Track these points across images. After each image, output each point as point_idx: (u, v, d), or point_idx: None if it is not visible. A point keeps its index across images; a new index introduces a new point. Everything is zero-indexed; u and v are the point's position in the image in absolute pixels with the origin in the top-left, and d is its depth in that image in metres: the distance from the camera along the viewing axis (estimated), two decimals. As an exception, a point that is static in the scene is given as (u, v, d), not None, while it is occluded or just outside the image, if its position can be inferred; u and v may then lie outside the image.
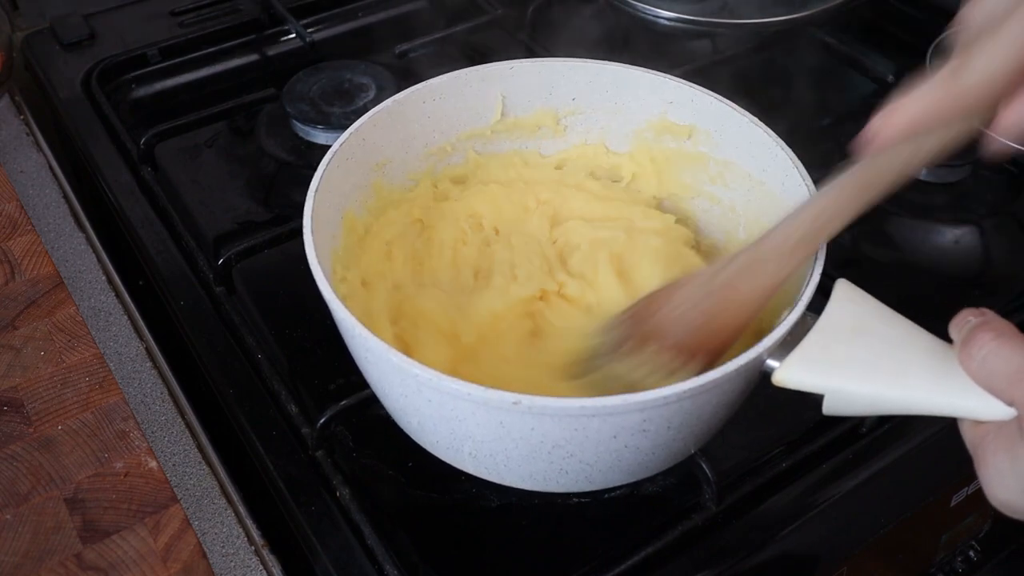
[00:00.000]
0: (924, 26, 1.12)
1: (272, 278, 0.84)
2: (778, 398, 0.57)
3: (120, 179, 0.93)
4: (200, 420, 0.75)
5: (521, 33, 1.09)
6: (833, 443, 0.71)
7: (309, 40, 1.07)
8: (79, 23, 1.11)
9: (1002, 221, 0.94)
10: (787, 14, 1.04)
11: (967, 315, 0.52)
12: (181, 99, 1.08)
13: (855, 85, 1.10)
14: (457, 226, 0.77)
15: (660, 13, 1.03)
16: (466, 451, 0.62)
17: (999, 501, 0.49)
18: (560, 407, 0.54)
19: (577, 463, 0.59)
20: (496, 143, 0.82)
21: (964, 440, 0.52)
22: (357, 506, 0.66)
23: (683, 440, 0.61)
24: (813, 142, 1.02)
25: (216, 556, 0.66)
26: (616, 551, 0.65)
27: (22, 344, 0.78)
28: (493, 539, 0.68)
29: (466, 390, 0.54)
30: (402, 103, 0.75)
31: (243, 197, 0.94)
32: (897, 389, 0.53)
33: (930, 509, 0.73)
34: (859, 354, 0.55)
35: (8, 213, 0.90)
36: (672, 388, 0.54)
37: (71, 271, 0.85)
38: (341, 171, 0.71)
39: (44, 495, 0.68)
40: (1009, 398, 0.48)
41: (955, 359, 0.51)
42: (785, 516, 0.67)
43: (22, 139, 1.00)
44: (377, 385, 0.64)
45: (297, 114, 0.98)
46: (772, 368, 0.56)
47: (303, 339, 0.80)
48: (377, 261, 0.74)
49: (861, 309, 0.57)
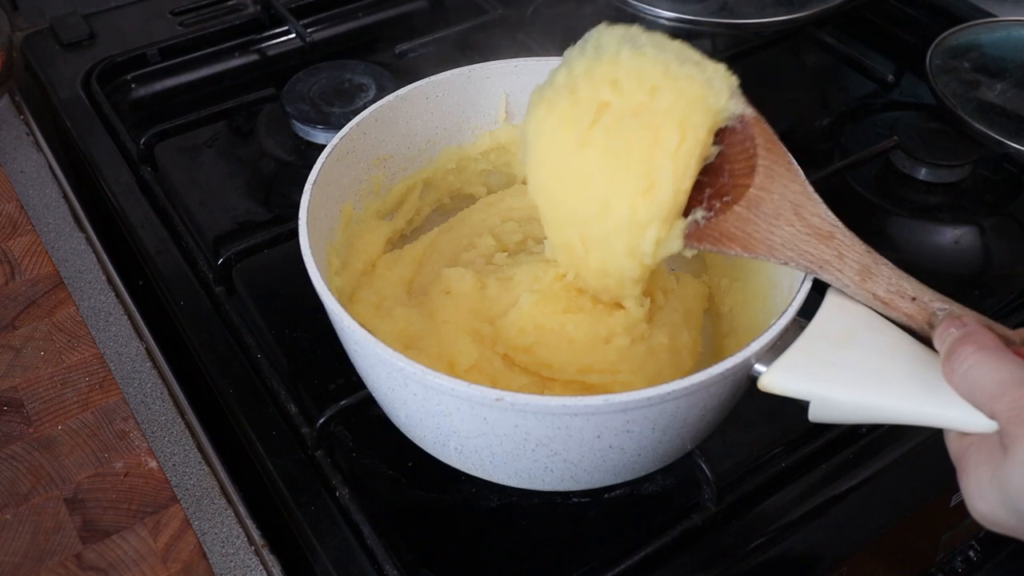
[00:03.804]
0: (924, 26, 1.13)
1: (272, 278, 0.84)
2: (778, 398, 0.57)
3: (120, 179, 0.93)
4: (200, 420, 0.75)
5: (521, 33, 1.09)
6: (833, 443, 0.71)
7: (309, 40, 1.07)
8: (79, 23, 1.11)
9: (1002, 221, 0.94)
10: (787, 14, 1.04)
11: (950, 326, 0.52)
12: (181, 99, 1.08)
13: (855, 85, 1.10)
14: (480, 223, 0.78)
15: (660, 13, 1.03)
16: (452, 446, 0.62)
17: (980, 513, 0.49)
18: (541, 405, 0.54)
19: (562, 462, 0.59)
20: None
21: (949, 451, 0.52)
22: (357, 506, 0.66)
23: (670, 442, 0.61)
24: (813, 142, 1.03)
25: (216, 556, 0.66)
26: (616, 551, 0.65)
27: (22, 344, 0.78)
28: (493, 539, 0.68)
29: (450, 385, 0.55)
30: (405, 99, 0.76)
31: (243, 197, 0.94)
32: (882, 398, 0.53)
33: (930, 509, 0.73)
34: (846, 362, 0.55)
35: (8, 213, 0.90)
36: (655, 390, 0.54)
37: (71, 271, 0.85)
38: (341, 165, 0.71)
39: (44, 495, 0.68)
40: (991, 411, 0.48)
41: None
42: (785, 516, 0.67)
43: (22, 139, 1.00)
44: (367, 378, 0.65)
45: (297, 114, 0.98)
46: (759, 373, 0.56)
47: (303, 339, 0.80)
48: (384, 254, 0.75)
49: (851, 317, 0.57)
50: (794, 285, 0.61)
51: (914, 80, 1.09)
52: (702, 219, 0.60)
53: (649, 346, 0.67)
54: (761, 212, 0.59)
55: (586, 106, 0.60)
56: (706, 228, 0.60)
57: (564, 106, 0.61)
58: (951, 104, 0.94)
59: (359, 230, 0.75)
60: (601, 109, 0.60)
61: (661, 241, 0.61)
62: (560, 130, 0.61)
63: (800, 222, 0.59)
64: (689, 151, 0.59)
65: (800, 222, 0.59)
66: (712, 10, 1.05)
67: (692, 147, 0.59)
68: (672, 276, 0.74)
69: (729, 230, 0.60)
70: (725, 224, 0.60)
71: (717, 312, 0.76)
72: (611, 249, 0.62)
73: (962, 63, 0.99)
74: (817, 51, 1.11)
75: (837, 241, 0.58)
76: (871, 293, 0.56)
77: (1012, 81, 0.97)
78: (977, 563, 0.87)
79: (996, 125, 0.92)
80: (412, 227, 0.82)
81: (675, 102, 0.59)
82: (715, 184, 0.61)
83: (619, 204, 0.60)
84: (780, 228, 0.59)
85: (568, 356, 0.66)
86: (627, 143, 0.59)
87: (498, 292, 0.70)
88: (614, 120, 0.59)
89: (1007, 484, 0.47)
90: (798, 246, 0.58)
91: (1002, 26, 1.04)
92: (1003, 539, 0.51)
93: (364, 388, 0.67)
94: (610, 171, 0.60)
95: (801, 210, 0.59)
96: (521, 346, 0.67)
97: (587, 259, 0.65)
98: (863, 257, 0.57)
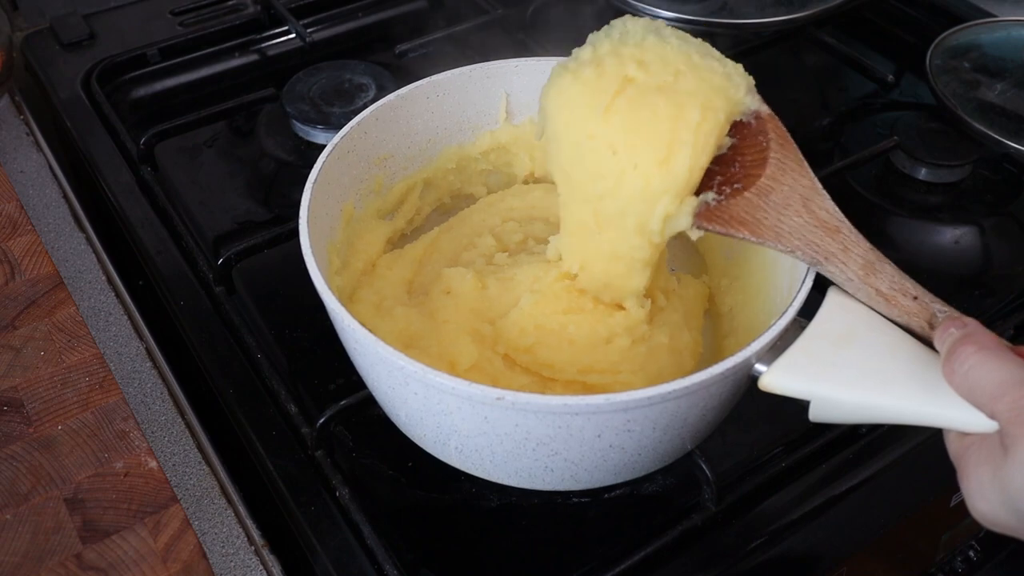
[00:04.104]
0: (924, 26, 1.13)
1: (272, 278, 0.84)
2: (778, 398, 0.57)
3: (120, 179, 0.93)
4: (200, 420, 0.75)
5: (521, 33, 1.09)
6: (833, 443, 0.71)
7: (309, 40, 1.07)
8: (79, 23, 1.11)
9: (1002, 221, 0.94)
10: (787, 14, 1.04)
11: (950, 326, 0.52)
12: (181, 99, 1.08)
13: (855, 85, 1.10)
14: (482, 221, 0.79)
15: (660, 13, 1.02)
16: (452, 445, 0.62)
17: (980, 513, 0.49)
18: (542, 404, 0.54)
19: (562, 461, 0.59)
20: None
21: (949, 452, 0.52)
22: (357, 506, 0.66)
23: (670, 442, 0.61)
24: (813, 142, 1.03)
25: (216, 556, 0.66)
26: (616, 551, 0.65)
27: (22, 344, 0.78)
28: (493, 539, 0.68)
29: (450, 384, 0.55)
30: (405, 98, 0.76)
31: (243, 197, 0.94)
32: (882, 398, 0.53)
33: (930, 509, 0.73)
34: (846, 362, 0.55)
35: (8, 213, 0.90)
36: (656, 389, 0.54)
37: (71, 271, 0.85)
38: (341, 164, 0.71)
39: (44, 495, 0.68)
40: (991, 411, 0.48)
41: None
42: (785, 516, 0.67)
43: (22, 139, 1.00)
44: (367, 377, 0.64)
45: (297, 114, 0.98)
46: (760, 372, 0.56)
47: (303, 339, 0.80)
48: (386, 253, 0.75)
49: (852, 317, 0.57)
50: (794, 285, 0.61)
51: (914, 80, 1.09)
52: (712, 200, 0.61)
53: (650, 347, 0.67)
54: (770, 201, 0.60)
55: (611, 78, 0.61)
56: (716, 210, 0.61)
57: (589, 75, 0.62)
58: (951, 104, 0.94)
59: (359, 229, 0.75)
60: (626, 83, 0.61)
61: (670, 217, 0.61)
62: (585, 96, 0.61)
63: (808, 214, 0.59)
64: (710, 130, 0.60)
65: (808, 214, 0.59)
66: (712, 10, 1.05)
67: (712, 127, 0.60)
68: (673, 277, 0.74)
69: (739, 214, 0.60)
70: (735, 208, 0.61)
71: (717, 312, 0.76)
72: (623, 225, 0.63)
73: (962, 63, 0.99)
74: (817, 51, 1.11)
75: (843, 236, 0.58)
76: (874, 288, 0.57)
77: (1012, 81, 0.97)
78: (977, 563, 0.87)
79: (996, 125, 0.92)
80: (412, 227, 0.82)
81: (698, 86, 0.60)
82: (726, 173, 0.62)
83: (635, 176, 0.60)
84: (789, 218, 0.59)
85: (569, 356, 0.66)
86: (651, 113, 0.60)
87: (499, 292, 0.70)
88: (638, 93, 0.60)
89: (1007, 484, 0.47)
90: (805, 236, 0.59)
91: (1002, 26, 1.04)
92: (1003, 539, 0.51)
93: (364, 388, 0.67)
94: (631, 138, 0.60)
95: (810, 203, 0.60)
96: (522, 346, 0.67)
97: (599, 241, 0.65)
98: (867, 254, 0.58)
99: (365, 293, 0.73)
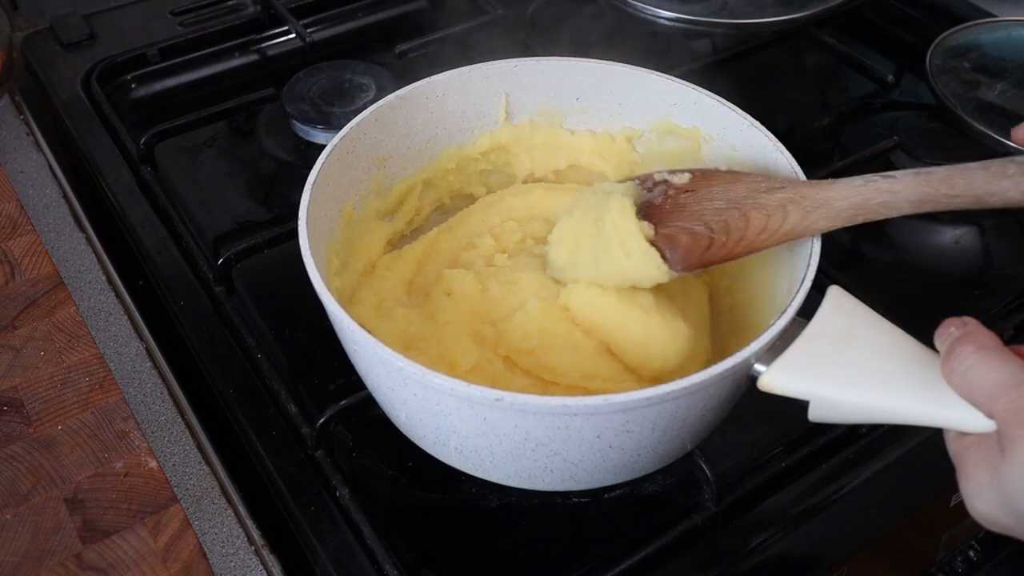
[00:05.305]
0: (924, 26, 1.13)
1: (272, 278, 0.84)
2: (778, 398, 0.57)
3: (120, 179, 0.93)
4: (200, 420, 0.75)
5: (521, 33, 1.09)
6: (833, 443, 0.71)
7: (309, 40, 1.07)
8: (79, 23, 1.11)
9: (1002, 221, 0.94)
10: (787, 14, 1.04)
11: (950, 326, 0.52)
12: (181, 99, 1.08)
13: (855, 85, 1.10)
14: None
15: (660, 13, 1.03)
16: (452, 446, 0.62)
17: (978, 513, 0.49)
18: (541, 405, 0.54)
19: (562, 462, 0.59)
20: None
21: (948, 451, 0.52)
22: (357, 506, 0.66)
23: (670, 442, 0.61)
24: (813, 142, 1.03)
25: (216, 556, 0.66)
26: (616, 551, 0.65)
27: (22, 344, 0.78)
28: (493, 539, 0.68)
29: (450, 385, 0.55)
30: (405, 98, 0.76)
31: (243, 197, 0.94)
32: (882, 398, 0.53)
33: (930, 509, 0.73)
34: (846, 362, 0.55)
35: (8, 213, 0.90)
36: (655, 389, 0.53)
37: (71, 271, 0.85)
38: (341, 165, 0.71)
39: (44, 495, 0.68)
40: (989, 411, 0.48)
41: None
42: (785, 516, 0.67)
43: (22, 139, 1.00)
44: (367, 378, 0.64)
45: (297, 114, 0.98)
46: (759, 373, 0.56)
47: (303, 339, 0.80)
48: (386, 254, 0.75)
49: (851, 316, 0.57)
50: (794, 285, 0.61)
51: (914, 80, 1.09)
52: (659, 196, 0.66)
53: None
54: (699, 196, 0.65)
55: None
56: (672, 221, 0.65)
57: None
58: (951, 104, 0.94)
59: (359, 230, 0.75)
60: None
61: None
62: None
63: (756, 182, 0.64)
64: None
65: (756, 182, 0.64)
66: (712, 10, 1.05)
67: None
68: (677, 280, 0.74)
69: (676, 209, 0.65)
70: (671, 209, 0.66)
71: (717, 312, 0.76)
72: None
73: (962, 63, 0.99)
74: (817, 51, 1.11)
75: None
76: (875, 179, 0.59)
77: (1012, 81, 0.97)
78: (977, 563, 0.87)
79: (996, 125, 0.92)
80: (412, 227, 0.82)
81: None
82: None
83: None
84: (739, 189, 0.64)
85: (572, 361, 0.66)
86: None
87: (500, 294, 0.70)
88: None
89: (1005, 485, 0.47)
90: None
91: (1002, 26, 1.04)
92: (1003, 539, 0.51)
93: (364, 388, 0.67)
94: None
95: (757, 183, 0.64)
96: (524, 349, 0.67)
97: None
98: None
99: (365, 294, 0.73)
